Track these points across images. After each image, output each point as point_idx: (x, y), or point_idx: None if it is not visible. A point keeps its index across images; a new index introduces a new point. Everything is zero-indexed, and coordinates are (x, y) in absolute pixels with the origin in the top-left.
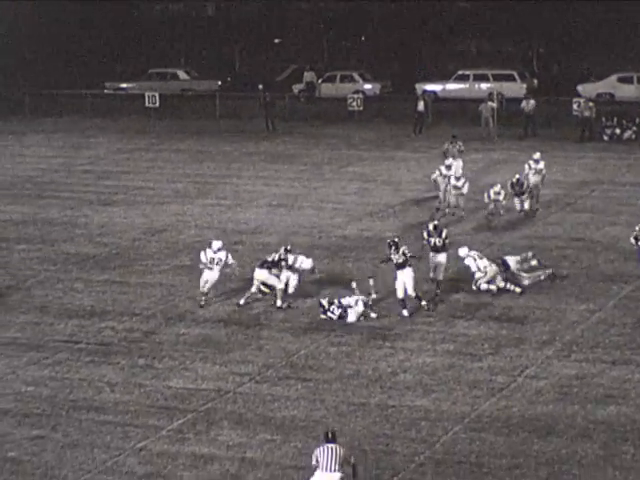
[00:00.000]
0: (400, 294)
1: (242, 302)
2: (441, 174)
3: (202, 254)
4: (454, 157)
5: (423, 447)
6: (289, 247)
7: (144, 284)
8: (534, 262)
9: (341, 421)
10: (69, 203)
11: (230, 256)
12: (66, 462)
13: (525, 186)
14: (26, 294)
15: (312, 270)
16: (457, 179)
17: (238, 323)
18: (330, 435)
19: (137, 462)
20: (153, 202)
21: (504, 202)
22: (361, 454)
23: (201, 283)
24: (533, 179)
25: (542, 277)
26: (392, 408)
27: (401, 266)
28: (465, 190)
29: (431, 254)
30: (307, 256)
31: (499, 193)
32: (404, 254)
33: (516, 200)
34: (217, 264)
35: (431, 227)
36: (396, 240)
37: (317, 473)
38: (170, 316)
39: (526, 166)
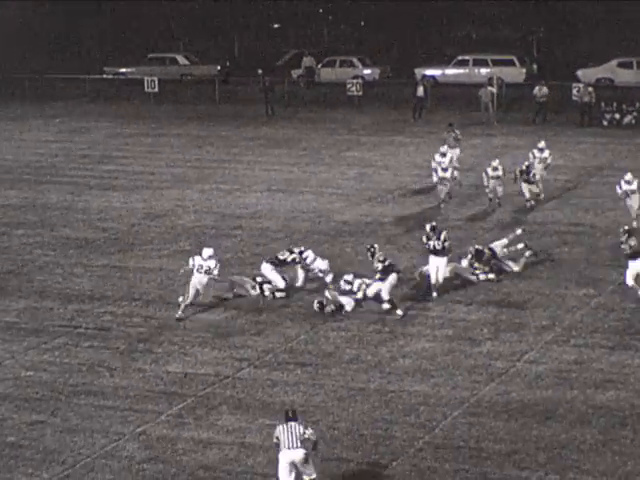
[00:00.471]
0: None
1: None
2: (434, 160)
3: (190, 260)
4: (450, 146)
5: (422, 432)
6: (302, 249)
7: (143, 269)
8: (521, 245)
9: (340, 406)
10: (68, 188)
11: (218, 266)
12: (65, 447)
13: (532, 174)
14: (25, 279)
15: (327, 272)
16: (444, 170)
17: (237, 308)
18: (290, 413)
19: (136, 447)
20: (152, 187)
21: (505, 177)
22: (360, 439)
23: (191, 291)
24: (538, 168)
25: (530, 260)
26: (391, 393)
27: (381, 273)
28: (450, 179)
29: (430, 257)
30: (322, 258)
31: (497, 169)
32: (380, 261)
33: (524, 187)
34: (205, 272)
35: (428, 228)
36: (374, 246)
37: (281, 453)
38: (169, 301)
39: (530, 155)
